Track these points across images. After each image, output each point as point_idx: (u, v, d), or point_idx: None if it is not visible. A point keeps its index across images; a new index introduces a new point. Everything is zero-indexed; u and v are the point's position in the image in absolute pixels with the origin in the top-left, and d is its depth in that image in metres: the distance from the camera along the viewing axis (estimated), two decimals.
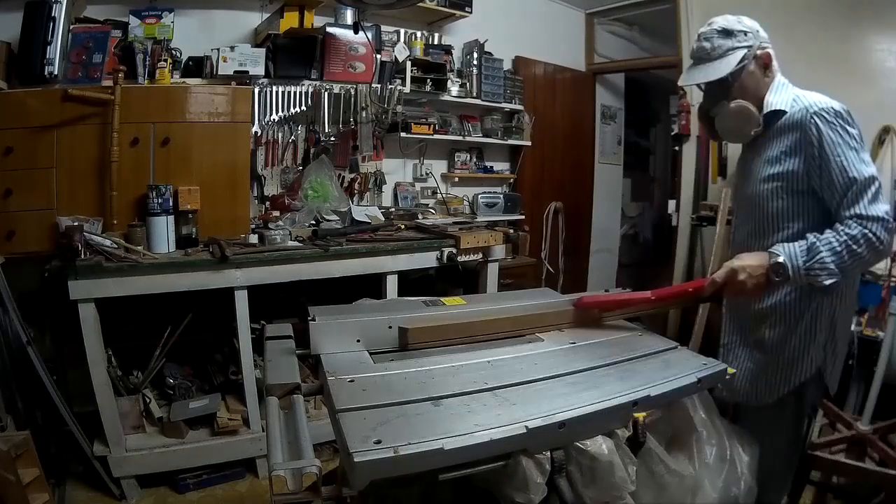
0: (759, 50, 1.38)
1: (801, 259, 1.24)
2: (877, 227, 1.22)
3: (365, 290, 2.02)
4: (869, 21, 2.90)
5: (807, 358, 1.39)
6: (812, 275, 1.23)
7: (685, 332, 3.16)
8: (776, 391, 1.42)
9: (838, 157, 1.26)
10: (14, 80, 2.24)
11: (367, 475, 0.78)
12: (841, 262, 1.22)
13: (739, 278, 1.25)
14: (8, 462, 1.61)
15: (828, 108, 1.29)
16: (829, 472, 1.89)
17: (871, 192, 1.24)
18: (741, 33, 1.37)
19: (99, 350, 2.10)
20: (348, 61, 2.94)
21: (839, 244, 1.23)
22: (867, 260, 1.24)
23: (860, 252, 1.22)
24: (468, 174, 3.76)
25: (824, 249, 1.23)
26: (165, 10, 2.60)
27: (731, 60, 1.36)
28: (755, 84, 1.39)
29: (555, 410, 0.92)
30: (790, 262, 1.24)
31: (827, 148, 1.27)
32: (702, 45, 1.40)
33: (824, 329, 1.38)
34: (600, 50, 4.48)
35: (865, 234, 1.22)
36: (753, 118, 1.38)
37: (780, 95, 1.38)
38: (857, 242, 1.22)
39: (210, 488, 2.33)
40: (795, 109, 1.34)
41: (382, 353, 1.20)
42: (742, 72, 1.37)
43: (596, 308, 1.41)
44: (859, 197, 1.24)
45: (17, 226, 2.15)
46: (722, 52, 1.37)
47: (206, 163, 2.43)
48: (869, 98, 2.68)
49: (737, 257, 1.30)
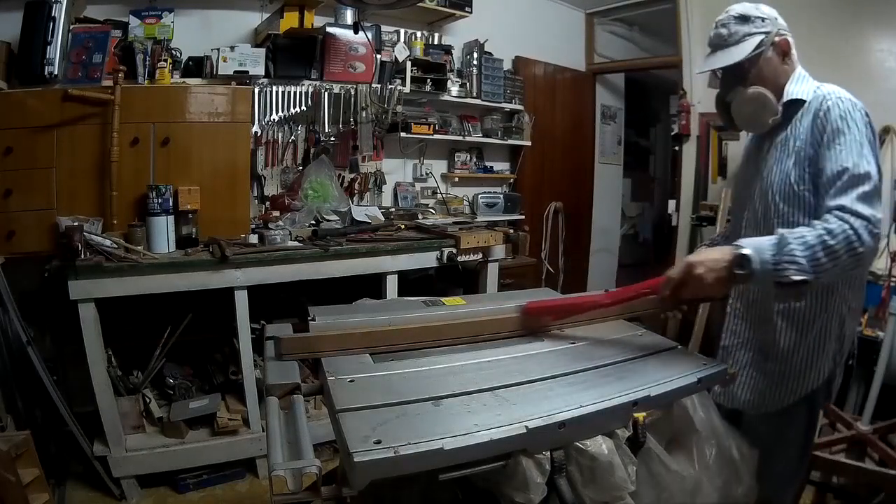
0: (777, 37, 1.32)
1: (768, 252, 1.10)
2: (859, 224, 1.09)
3: (365, 290, 2.02)
4: (869, 21, 2.91)
5: (815, 368, 1.33)
6: (779, 269, 1.09)
7: (685, 332, 3.16)
8: (781, 401, 1.35)
9: (839, 145, 1.19)
10: (14, 80, 2.24)
11: (367, 475, 0.78)
12: (813, 258, 1.09)
13: (696, 272, 1.12)
14: (8, 462, 1.61)
15: (844, 99, 1.24)
16: (829, 472, 1.89)
17: (863, 190, 1.13)
18: (758, 19, 1.32)
19: (99, 350, 2.10)
20: (348, 61, 2.94)
21: (813, 238, 1.10)
22: (844, 261, 1.10)
23: (836, 248, 1.09)
24: (468, 174, 3.76)
25: (795, 242, 1.10)
26: (165, 10, 2.60)
27: (748, 46, 1.31)
28: (773, 71, 1.33)
29: (555, 410, 0.92)
30: (756, 255, 1.10)
31: (830, 134, 1.21)
32: (718, 32, 1.35)
33: (833, 339, 1.32)
34: (600, 50, 4.48)
35: (844, 230, 1.09)
36: (770, 105, 1.32)
37: (801, 86, 1.32)
38: (835, 237, 1.09)
39: (210, 488, 2.33)
40: (813, 98, 1.29)
41: (382, 353, 1.20)
42: (759, 58, 1.32)
43: (544, 314, 1.34)
44: (848, 189, 1.14)
45: (17, 226, 2.15)
46: (739, 37, 1.32)
47: (206, 163, 2.44)
48: (869, 98, 2.64)
49: (696, 251, 1.22)
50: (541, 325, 1.34)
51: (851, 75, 2.76)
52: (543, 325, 1.34)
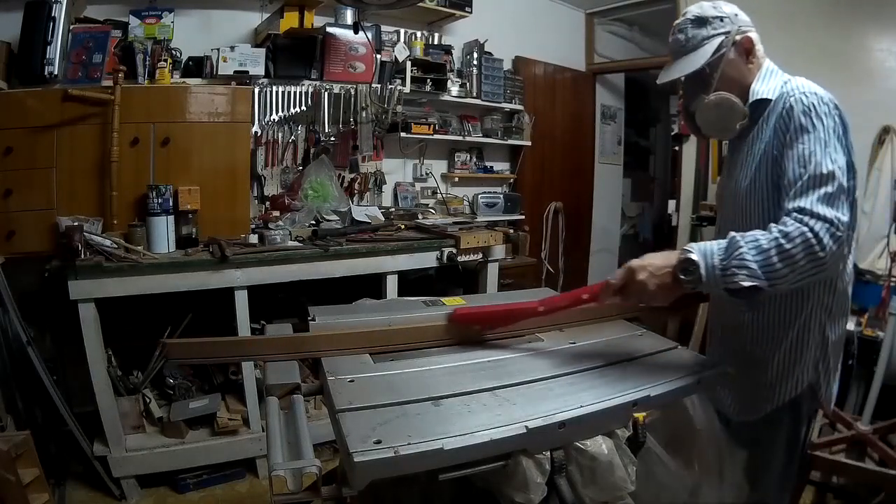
0: (738, 35, 1.24)
1: (717, 257, 1.03)
2: (818, 226, 1.00)
3: (365, 290, 2.02)
4: (869, 21, 2.90)
5: (793, 377, 1.26)
6: (728, 275, 1.02)
7: (685, 332, 3.16)
8: (760, 409, 1.30)
9: (801, 144, 1.11)
10: (14, 80, 2.25)
11: (367, 475, 0.78)
12: (766, 262, 1.01)
13: (638, 278, 1.07)
14: (8, 462, 1.61)
15: (808, 93, 1.15)
16: (829, 472, 1.89)
17: (826, 191, 1.04)
18: (716, 20, 1.25)
19: (99, 350, 2.10)
20: (348, 61, 2.94)
21: (767, 241, 1.02)
22: (803, 267, 1.01)
23: (792, 253, 1.00)
24: (468, 174, 3.76)
25: (746, 246, 1.02)
26: (165, 10, 2.60)
27: (707, 50, 1.23)
28: (738, 73, 1.26)
29: (555, 410, 0.92)
30: (703, 259, 1.04)
31: (793, 132, 1.13)
32: (676, 38, 1.28)
33: (814, 346, 1.24)
34: (600, 50, 4.48)
35: (802, 233, 1.00)
36: (737, 110, 1.24)
37: (768, 83, 1.24)
38: (792, 240, 1.00)
39: (210, 488, 2.33)
40: (778, 96, 1.21)
41: (382, 353, 1.20)
42: (721, 60, 1.24)
43: (473, 322, 1.26)
44: (808, 190, 1.06)
45: (17, 226, 2.16)
46: (697, 42, 1.25)
47: (206, 163, 2.44)
48: (869, 98, 2.67)
49: (641, 256, 1.12)
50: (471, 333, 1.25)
51: (851, 75, 2.76)
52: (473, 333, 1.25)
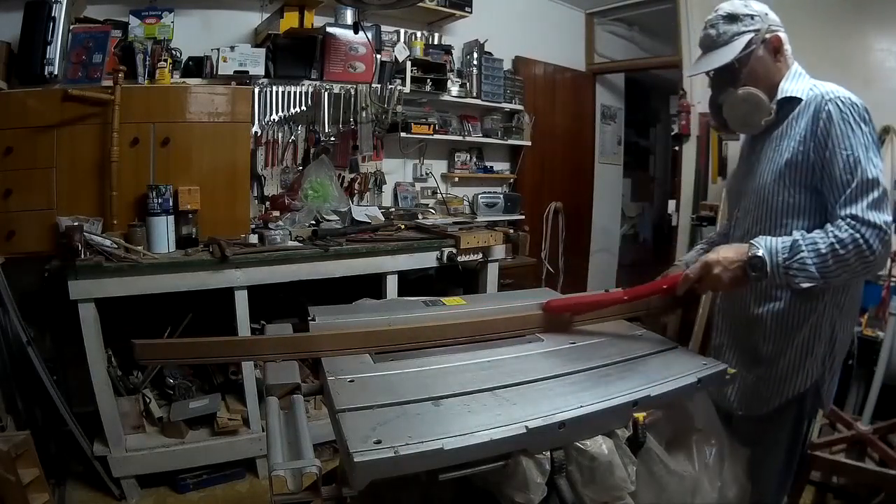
0: (767, 34, 1.29)
1: (781, 255, 1.12)
2: (870, 234, 1.10)
3: (365, 290, 2.02)
4: (870, 21, 2.91)
5: (802, 372, 1.30)
6: (790, 275, 1.12)
7: (685, 332, 3.16)
8: (767, 404, 1.35)
9: (845, 150, 1.16)
10: (14, 80, 2.24)
11: (367, 475, 0.78)
12: (823, 265, 1.11)
13: (714, 272, 1.15)
14: (8, 462, 1.61)
15: (844, 98, 1.20)
16: (829, 472, 1.89)
17: (873, 197, 1.12)
18: (747, 17, 1.29)
19: (99, 350, 2.10)
20: (348, 61, 2.94)
21: (825, 246, 1.11)
22: (854, 268, 1.12)
23: (846, 258, 1.10)
24: (468, 174, 3.76)
25: (807, 249, 1.11)
26: (165, 10, 2.60)
27: (737, 45, 1.28)
28: (766, 70, 1.30)
29: (555, 410, 0.92)
30: (770, 257, 1.13)
31: (835, 139, 1.17)
32: (707, 33, 1.33)
33: (824, 343, 1.30)
34: (600, 50, 4.48)
35: (855, 239, 1.10)
36: (763, 105, 1.29)
37: (797, 83, 1.29)
38: (845, 247, 1.10)
39: (210, 488, 2.33)
40: (811, 97, 1.24)
41: (382, 352, 1.20)
42: (750, 57, 1.29)
43: (566, 311, 1.35)
44: (859, 197, 1.13)
45: (17, 226, 2.16)
46: (728, 37, 1.29)
47: (206, 163, 2.44)
48: (869, 98, 2.65)
49: (713, 250, 1.20)
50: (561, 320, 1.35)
51: (851, 75, 2.76)
52: (565, 320, 1.35)
